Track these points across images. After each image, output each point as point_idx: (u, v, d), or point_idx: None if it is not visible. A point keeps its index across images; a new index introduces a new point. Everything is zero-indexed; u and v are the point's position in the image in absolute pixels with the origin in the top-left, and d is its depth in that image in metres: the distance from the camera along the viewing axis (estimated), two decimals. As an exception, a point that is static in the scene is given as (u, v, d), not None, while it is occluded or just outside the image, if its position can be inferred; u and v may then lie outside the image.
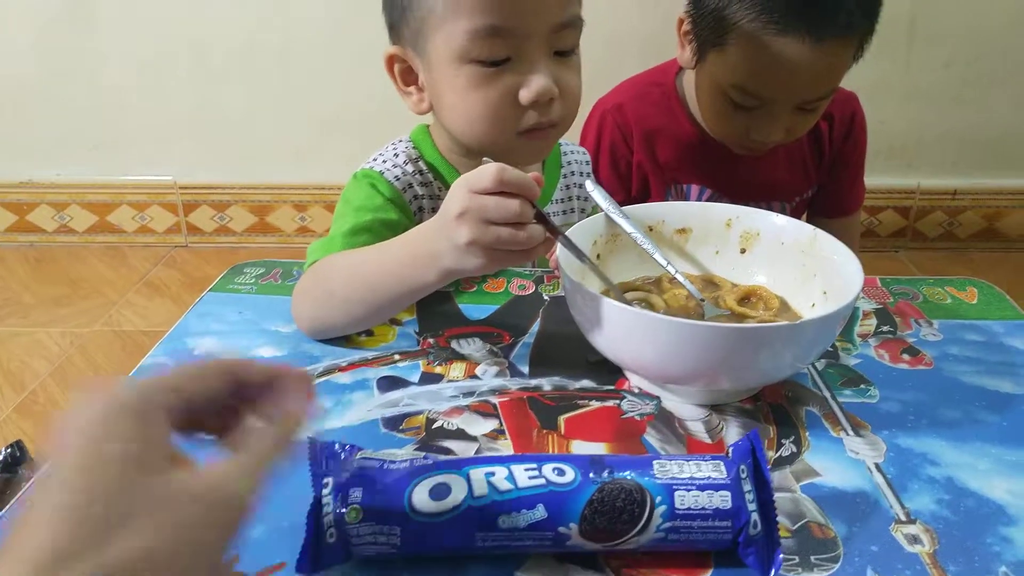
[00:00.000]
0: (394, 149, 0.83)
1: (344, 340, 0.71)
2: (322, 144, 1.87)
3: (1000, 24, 1.78)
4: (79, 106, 1.94)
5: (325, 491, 0.47)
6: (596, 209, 0.74)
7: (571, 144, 0.95)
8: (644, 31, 1.69)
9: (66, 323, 1.69)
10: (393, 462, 0.48)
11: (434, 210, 0.82)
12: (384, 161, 0.81)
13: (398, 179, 0.80)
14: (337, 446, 0.51)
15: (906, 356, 0.69)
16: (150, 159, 1.99)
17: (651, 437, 0.59)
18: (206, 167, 1.99)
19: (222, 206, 2.02)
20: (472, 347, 0.71)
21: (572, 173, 0.92)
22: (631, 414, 0.62)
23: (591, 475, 0.47)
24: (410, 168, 0.81)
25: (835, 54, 0.87)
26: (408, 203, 0.81)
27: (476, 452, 0.58)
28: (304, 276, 0.73)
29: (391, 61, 0.78)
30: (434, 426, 0.60)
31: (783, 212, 1.08)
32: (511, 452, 0.58)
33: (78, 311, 1.74)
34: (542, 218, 0.59)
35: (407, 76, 0.78)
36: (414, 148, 0.84)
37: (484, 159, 0.59)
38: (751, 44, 0.87)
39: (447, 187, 0.82)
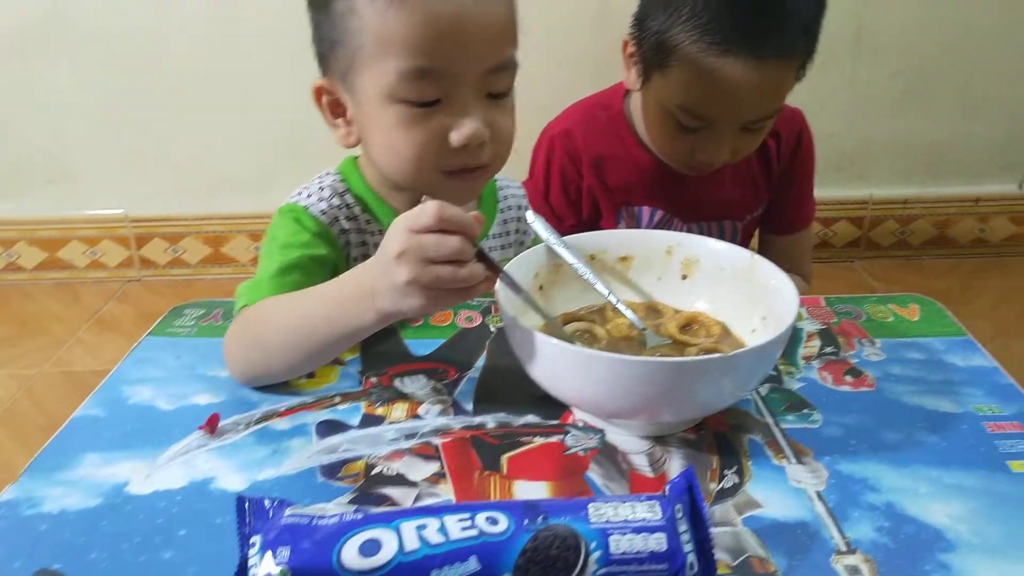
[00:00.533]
0: (320, 183, 0.82)
1: (283, 383, 0.70)
2: (276, 173, 1.85)
3: (941, 37, 1.82)
4: (27, 142, 1.90)
5: (252, 551, 0.46)
6: (536, 242, 0.74)
7: (508, 180, 0.94)
8: (598, 52, 1.69)
9: (13, 365, 1.65)
10: (323, 517, 0.47)
11: (361, 244, 0.81)
12: (309, 195, 0.80)
13: (324, 213, 0.79)
14: (266, 502, 0.49)
15: (849, 378, 0.70)
16: (101, 193, 1.95)
17: (594, 473, 0.59)
18: (158, 200, 1.96)
19: (175, 238, 1.99)
20: (416, 385, 0.70)
21: (509, 208, 0.92)
22: (575, 449, 0.61)
23: (525, 522, 0.46)
24: (336, 201, 0.80)
25: (777, 75, 0.88)
26: (336, 237, 0.80)
27: (416, 498, 0.57)
28: (234, 322, 0.71)
29: (319, 93, 0.77)
30: (373, 472, 0.59)
31: (734, 231, 1.08)
32: (452, 496, 0.57)
33: (26, 352, 1.70)
34: (482, 256, 0.58)
35: (335, 108, 0.77)
36: (341, 181, 0.82)
37: (424, 198, 0.58)
38: (694, 66, 0.87)
39: (376, 220, 0.82)
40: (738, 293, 0.70)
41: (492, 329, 0.78)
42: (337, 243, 0.80)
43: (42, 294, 1.96)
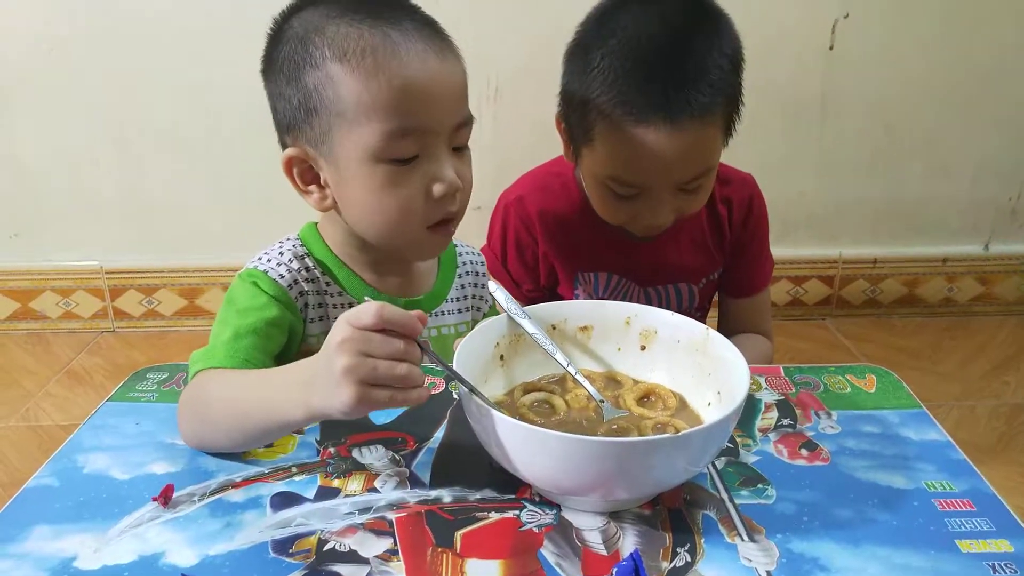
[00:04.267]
0: (280, 248, 0.83)
1: (241, 452, 0.70)
2: (252, 225, 1.85)
3: (905, 100, 1.87)
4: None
5: (192, 637, 0.45)
6: (495, 308, 0.75)
7: (466, 245, 0.96)
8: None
9: (-22, 419, 1.62)
10: (266, 602, 0.47)
11: (320, 305, 0.83)
12: (269, 260, 0.81)
13: (283, 277, 0.80)
14: (211, 583, 0.49)
15: (804, 452, 0.70)
16: (75, 244, 1.95)
17: (547, 551, 0.59)
18: (134, 251, 1.96)
19: (150, 290, 1.98)
20: (373, 456, 0.70)
21: (467, 273, 0.94)
22: (529, 526, 0.61)
23: (470, 608, 0.46)
24: (296, 265, 0.81)
25: (697, 136, 0.87)
26: (294, 300, 0.80)
27: (367, 576, 0.56)
28: (187, 389, 0.72)
29: (289, 164, 0.78)
30: (325, 548, 0.59)
31: (691, 294, 1.10)
32: (403, 574, 0.56)
33: (-8, 405, 1.67)
34: (427, 351, 0.59)
35: (306, 175, 0.79)
36: (302, 245, 0.84)
37: (364, 297, 0.60)
38: (614, 136, 0.88)
39: (336, 283, 0.83)
40: (694, 366, 0.71)
41: (455, 396, 0.79)
42: (295, 306, 0.80)
43: (13, 345, 1.94)
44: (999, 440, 1.51)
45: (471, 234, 1.04)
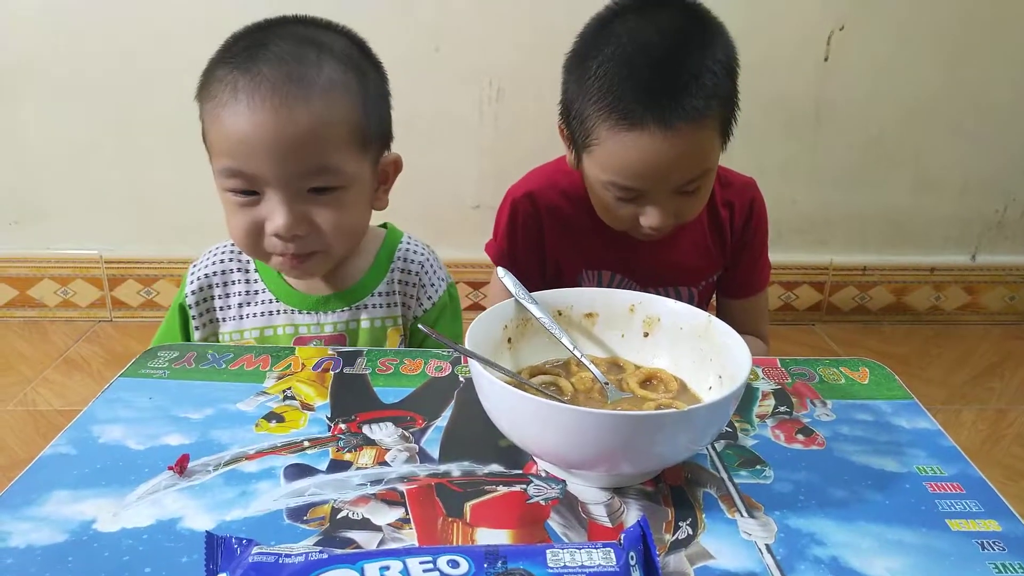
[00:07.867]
0: (226, 242, 0.97)
1: (253, 427, 0.71)
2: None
3: (896, 112, 1.92)
4: (1, 178, 1.91)
5: (218, 588, 0.47)
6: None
7: (414, 242, 1.02)
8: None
9: (-25, 403, 1.63)
10: (288, 556, 0.49)
11: (243, 297, 0.96)
12: (205, 258, 0.99)
13: (195, 284, 0.97)
14: (233, 541, 0.51)
15: (800, 436, 0.73)
16: (75, 233, 1.96)
17: (554, 522, 0.61)
18: (134, 241, 1.97)
19: (149, 280, 1.99)
20: (384, 432, 0.72)
21: (400, 269, 0.99)
22: (536, 499, 0.63)
23: (485, 566, 0.48)
24: (229, 263, 0.97)
25: (692, 139, 0.89)
26: (190, 308, 0.97)
27: (380, 542, 0.58)
28: None
29: None
30: (339, 516, 0.61)
31: (690, 295, 1.12)
32: (415, 541, 0.58)
33: (-11, 390, 1.68)
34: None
35: None
36: None
37: None
38: (610, 142, 0.90)
39: (261, 278, 0.98)
40: (695, 352, 0.74)
41: (461, 379, 0.81)
42: (191, 318, 0.98)
43: (10, 332, 1.95)
44: (983, 443, 1.55)
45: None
